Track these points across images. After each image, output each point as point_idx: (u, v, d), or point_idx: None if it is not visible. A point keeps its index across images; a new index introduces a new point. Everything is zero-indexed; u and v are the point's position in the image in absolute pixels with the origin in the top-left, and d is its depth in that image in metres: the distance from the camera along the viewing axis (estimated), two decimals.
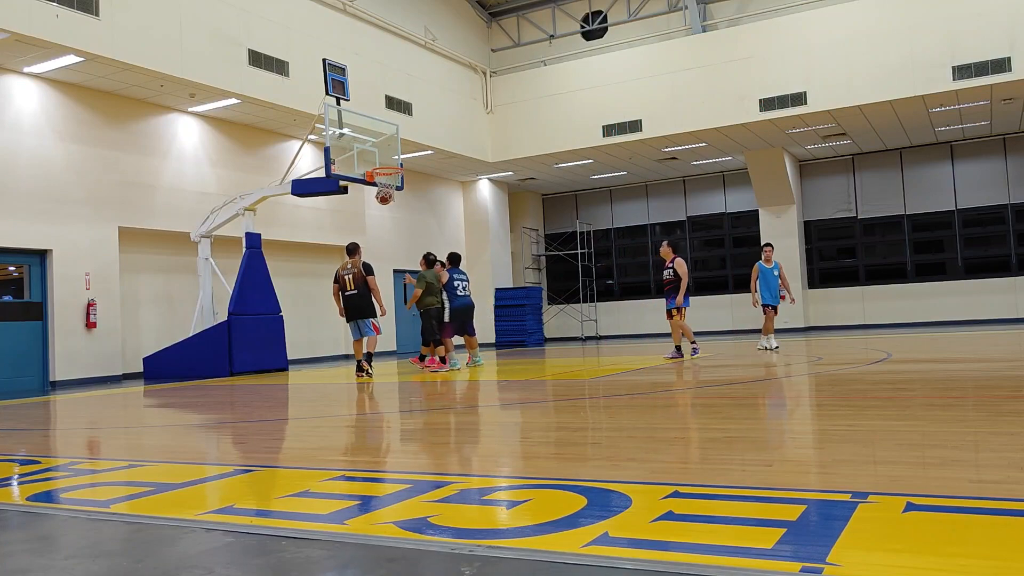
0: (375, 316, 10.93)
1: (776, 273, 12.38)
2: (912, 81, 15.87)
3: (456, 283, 11.70)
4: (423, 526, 2.71)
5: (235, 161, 15.55)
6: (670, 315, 11.52)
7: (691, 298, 12.19)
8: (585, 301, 24.38)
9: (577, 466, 3.87)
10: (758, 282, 12.35)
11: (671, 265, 11.39)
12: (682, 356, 11.22)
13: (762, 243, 14.16)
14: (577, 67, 19.70)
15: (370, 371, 10.86)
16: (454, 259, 12.01)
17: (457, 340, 12.32)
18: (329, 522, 2.87)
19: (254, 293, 13.53)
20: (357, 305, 10.80)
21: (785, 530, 2.43)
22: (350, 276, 10.82)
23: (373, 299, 10.86)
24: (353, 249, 11.09)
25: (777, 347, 12.63)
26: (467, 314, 11.82)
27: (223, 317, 13.34)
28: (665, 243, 11.67)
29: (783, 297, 12.46)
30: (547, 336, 24.04)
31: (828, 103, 16.67)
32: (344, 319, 11.03)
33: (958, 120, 18.08)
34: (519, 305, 21.38)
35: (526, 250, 24.70)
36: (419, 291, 11.46)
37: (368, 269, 10.95)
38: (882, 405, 5.70)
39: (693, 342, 11.64)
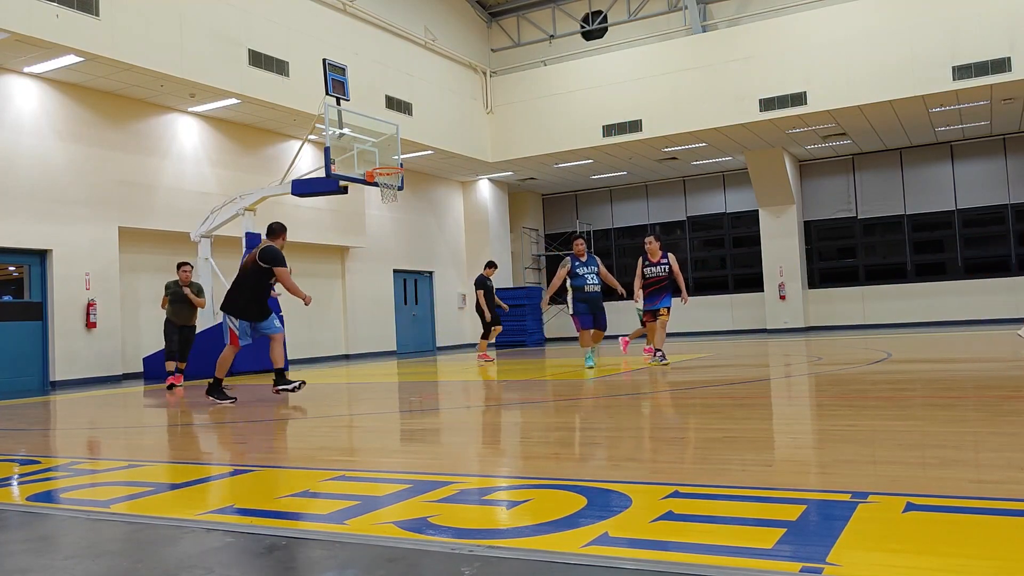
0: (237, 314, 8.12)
1: None
2: (912, 81, 15.87)
3: (583, 272, 10.37)
4: (423, 526, 2.71)
5: (235, 161, 15.55)
6: (655, 315, 10.56)
7: (690, 297, 11.75)
8: None
9: (577, 466, 3.87)
10: None
11: (665, 261, 10.45)
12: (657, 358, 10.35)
13: None
14: (577, 67, 19.70)
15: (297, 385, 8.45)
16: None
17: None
18: (329, 522, 2.87)
19: None
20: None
21: (785, 530, 2.43)
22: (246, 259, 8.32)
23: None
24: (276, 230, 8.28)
25: None
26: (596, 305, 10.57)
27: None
28: (654, 237, 10.65)
29: None
30: (547, 336, 24.03)
31: (828, 103, 16.67)
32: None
33: (958, 120, 18.08)
34: (519, 305, 21.37)
35: (526, 250, 24.69)
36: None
37: (264, 254, 7.95)
38: (882, 405, 5.70)
39: (651, 347, 10.70)
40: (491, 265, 14.06)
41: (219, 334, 13.02)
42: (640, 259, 10.71)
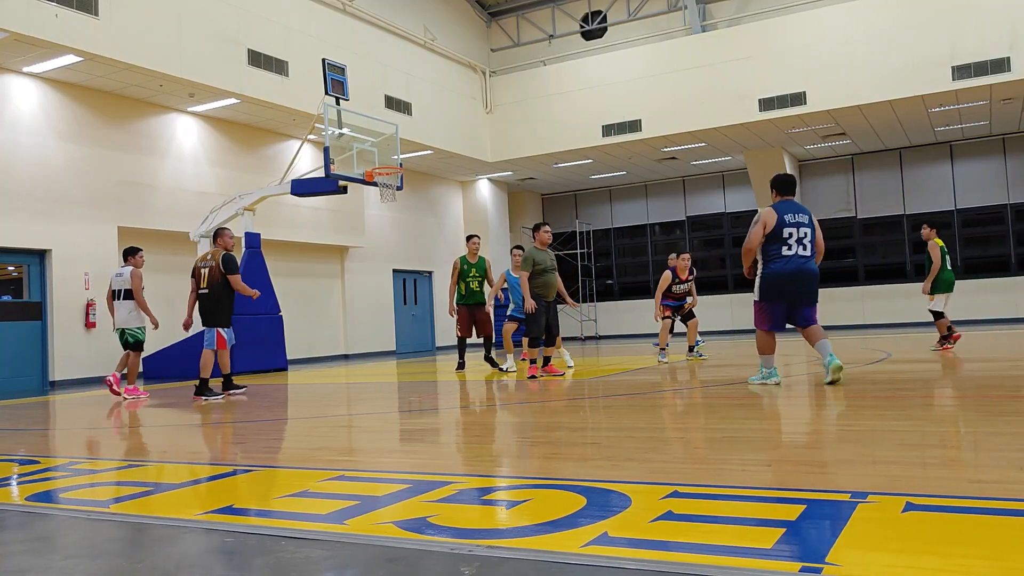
0: (224, 324, 8.86)
1: None
2: (912, 81, 15.87)
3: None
4: (423, 526, 2.71)
5: (234, 161, 15.55)
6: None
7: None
8: (584, 301, 24.38)
9: (577, 466, 3.87)
10: None
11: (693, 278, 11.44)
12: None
13: None
14: (577, 67, 19.69)
15: (215, 395, 8.69)
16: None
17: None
18: (329, 522, 2.87)
19: None
20: (206, 308, 8.80)
21: (785, 530, 2.43)
22: (207, 270, 8.84)
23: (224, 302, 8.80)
24: (216, 234, 9.11)
25: None
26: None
27: None
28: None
29: None
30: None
31: (828, 103, 16.67)
32: (189, 328, 9.15)
33: (957, 120, 18.08)
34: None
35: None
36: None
37: (227, 263, 8.83)
38: (882, 405, 5.70)
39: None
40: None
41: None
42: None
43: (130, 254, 9.44)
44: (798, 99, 16.89)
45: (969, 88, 15.54)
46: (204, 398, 8.57)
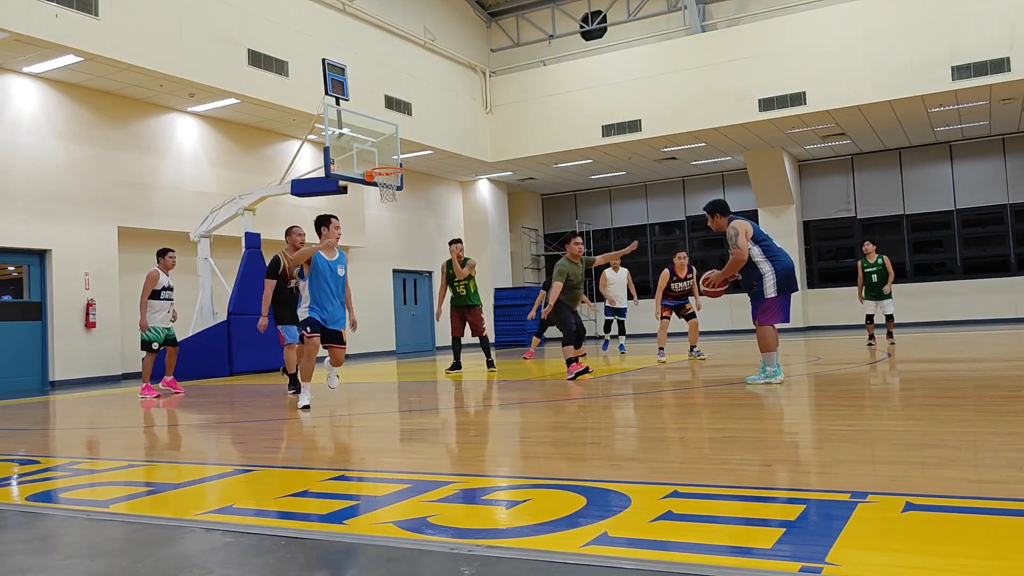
0: (281, 321, 9.19)
1: None
2: (911, 81, 15.87)
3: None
4: (423, 526, 2.71)
5: (234, 161, 15.54)
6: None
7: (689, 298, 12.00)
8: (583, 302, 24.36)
9: (577, 466, 3.87)
10: None
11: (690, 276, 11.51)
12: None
13: None
14: (576, 67, 19.69)
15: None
16: None
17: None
18: (329, 522, 2.87)
19: (254, 293, 13.48)
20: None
21: (784, 530, 2.43)
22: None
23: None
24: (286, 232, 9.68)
25: None
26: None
27: (223, 317, 13.33)
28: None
29: None
30: (546, 336, 24.03)
31: (827, 103, 16.67)
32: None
33: (957, 120, 18.08)
34: (519, 305, 21.38)
35: (525, 250, 24.69)
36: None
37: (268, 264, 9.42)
38: (882, 405, 5.71)
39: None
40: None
41: (218, 335, 13.06)
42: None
43: (160, 255, 9.93)
44: (798, 99, 16.90)
45: (969, 88, 15.54)
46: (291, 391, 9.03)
